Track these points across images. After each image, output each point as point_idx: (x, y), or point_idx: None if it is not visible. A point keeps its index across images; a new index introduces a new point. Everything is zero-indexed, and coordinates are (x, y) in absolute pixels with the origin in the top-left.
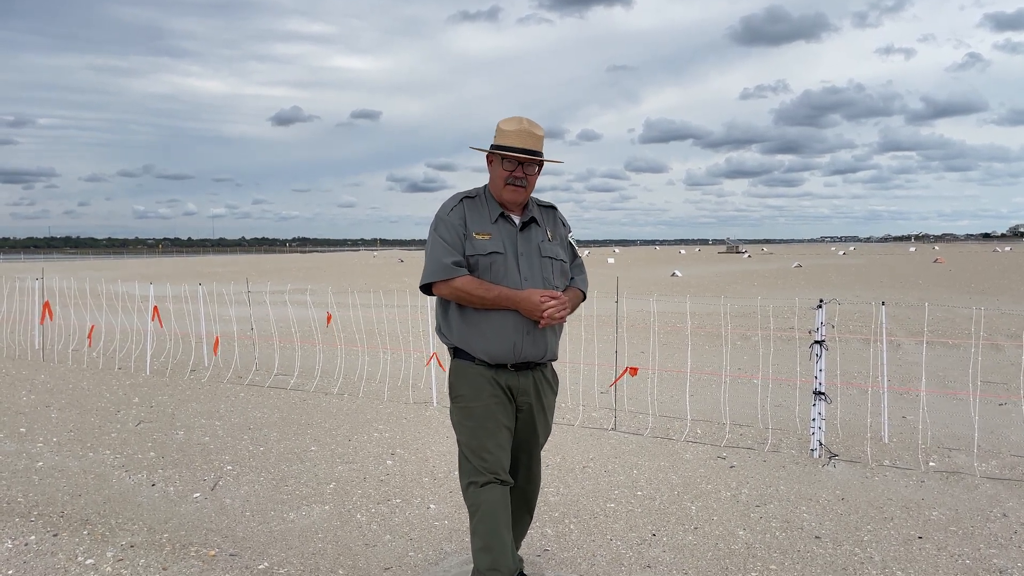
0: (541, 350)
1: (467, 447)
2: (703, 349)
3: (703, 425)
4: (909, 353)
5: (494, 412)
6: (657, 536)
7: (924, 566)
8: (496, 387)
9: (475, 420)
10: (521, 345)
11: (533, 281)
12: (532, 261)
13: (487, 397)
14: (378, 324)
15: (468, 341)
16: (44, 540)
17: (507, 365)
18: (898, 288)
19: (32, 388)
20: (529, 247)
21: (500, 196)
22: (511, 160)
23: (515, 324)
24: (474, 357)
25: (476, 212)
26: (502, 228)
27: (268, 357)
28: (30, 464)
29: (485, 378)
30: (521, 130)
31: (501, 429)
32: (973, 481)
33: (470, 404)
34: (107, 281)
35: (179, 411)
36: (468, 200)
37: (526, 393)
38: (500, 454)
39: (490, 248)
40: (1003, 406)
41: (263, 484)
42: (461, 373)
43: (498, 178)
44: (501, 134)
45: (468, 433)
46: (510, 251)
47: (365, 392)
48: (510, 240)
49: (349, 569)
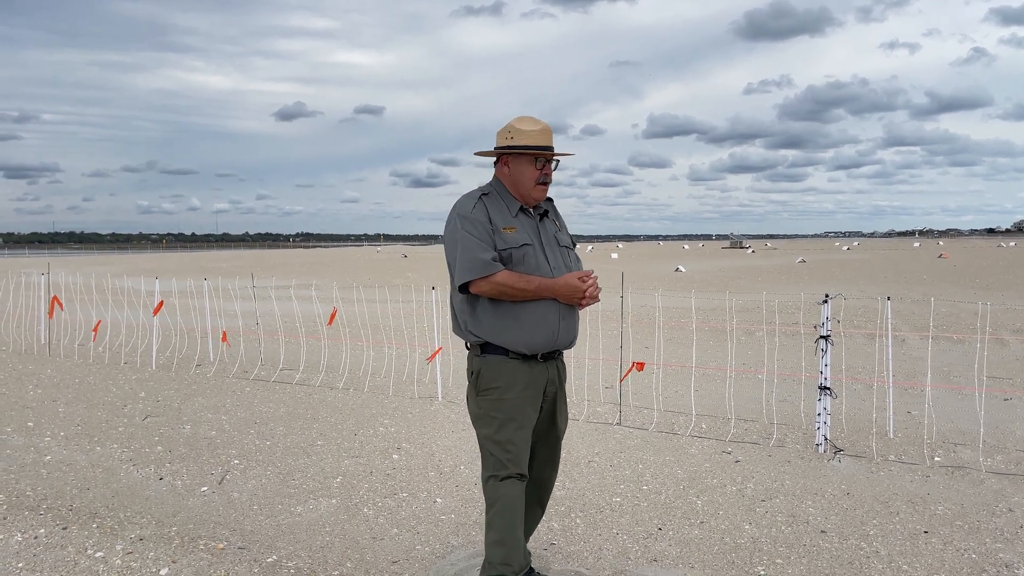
0: (574, 335)
1: (492, 440)
2: (708, 344)
3: (708, 420)
4: (914, 348)
5: (524, 406)
6: (663, 530)
7: (930, 560)
8: (529, 380)
9: (505, 413)
10: (558, 332)
11: (560, 268)
12: (555, 251)
13: (520, 390)
14: (383, 319)
15: (503, 335)
16: (54, 533)
17: (537, 356)
18: (903, 283)
19: (39, 383)
20: (549, 238)
21: (529, 195)
22: (543, 161)
23: (553, 312)
24: (507, 351)
25: (497, 207)
26: (524, 221)
27: (273, 352)
28: (38, 458)
29: (520, 371)
30: (544, 129)
31: (528, 424)
32: (978, 476)
33: (504, 396)
34: (113, 276)
35: (185, 405)
36: (486, 197)
37: (553, 383)
38: (524, 448)
39: (521, 240)
40: (1008, 401)
41: (270, 478)
42: (495, 367)
43: (528, 179)
44: (523, 134)
45: (496, 426)
46: (536, 242)
47: (370, 387)
48: (534, 232)
49: (357, 562)
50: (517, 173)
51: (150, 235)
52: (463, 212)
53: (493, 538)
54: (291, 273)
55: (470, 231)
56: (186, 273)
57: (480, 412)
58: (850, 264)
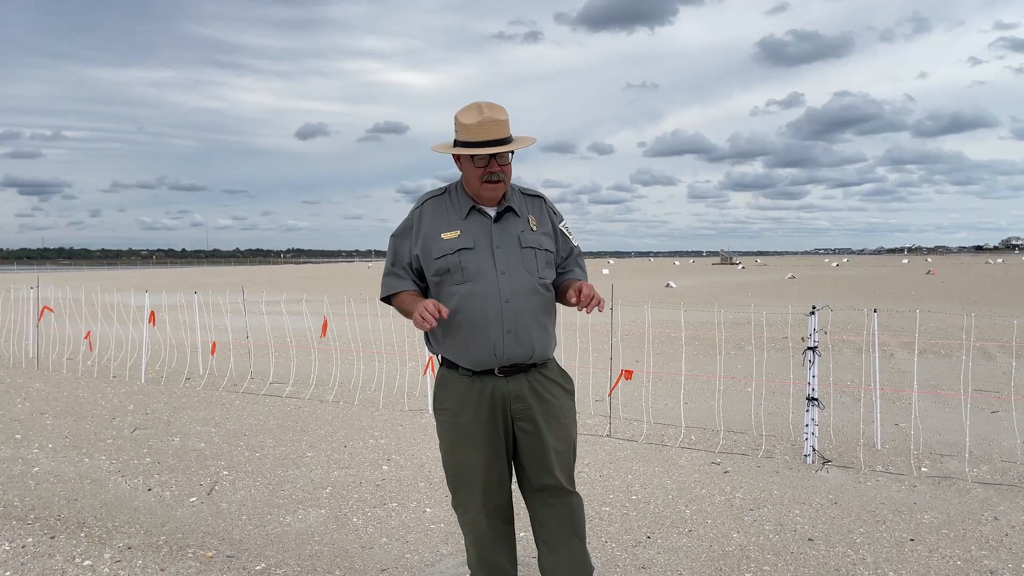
0: (527, 350)
1: (448, 464)
2: (697, 358)
3: (697, 432)
4: (902, 362)
5: (477, 429)
6: (652, 538)
7: (916, 567)
8: (484, 397)
9: (458, 434)
10: (502, 346)
11: (511, 274)
12: (510, 252)
13: (473, 409)
14: (373, 333)
15: (449, 348)
16: (41, 542)
17: (494, 371)
18: (891, 299)
19: (27, 396)
20: (507, 238)
21: (479, 194)
22: (481, 156)
23: (495, 322)
24: (458, 365)
25: (443, 210)
26: (475, 222)
27: (263, 366)
28: (26, 469)
29: (473, 388)
30: (483, 121)
31: (486, 447)
32: (965, 486)
33: (454, 420)
34: (103, 291)
35: (174, 418)
36: (434, 199)
37: (521, 399)
38: (480, 473)
39: (458, 245)
40: (995, 414)
41: (259, 489)
42: (446, 384)
43: (472, 178)
44: (462, 129)
45: (448, 448)
46: (483, 244)
47: (360, 400)
48: (484, 233)
49: (346, 570)
50: (464, 172)
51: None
52: (397, 228)
53: (472, 563)
54: (282, 288)
55: (392, 247)
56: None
57: (438, 433)
58: (839, 280)
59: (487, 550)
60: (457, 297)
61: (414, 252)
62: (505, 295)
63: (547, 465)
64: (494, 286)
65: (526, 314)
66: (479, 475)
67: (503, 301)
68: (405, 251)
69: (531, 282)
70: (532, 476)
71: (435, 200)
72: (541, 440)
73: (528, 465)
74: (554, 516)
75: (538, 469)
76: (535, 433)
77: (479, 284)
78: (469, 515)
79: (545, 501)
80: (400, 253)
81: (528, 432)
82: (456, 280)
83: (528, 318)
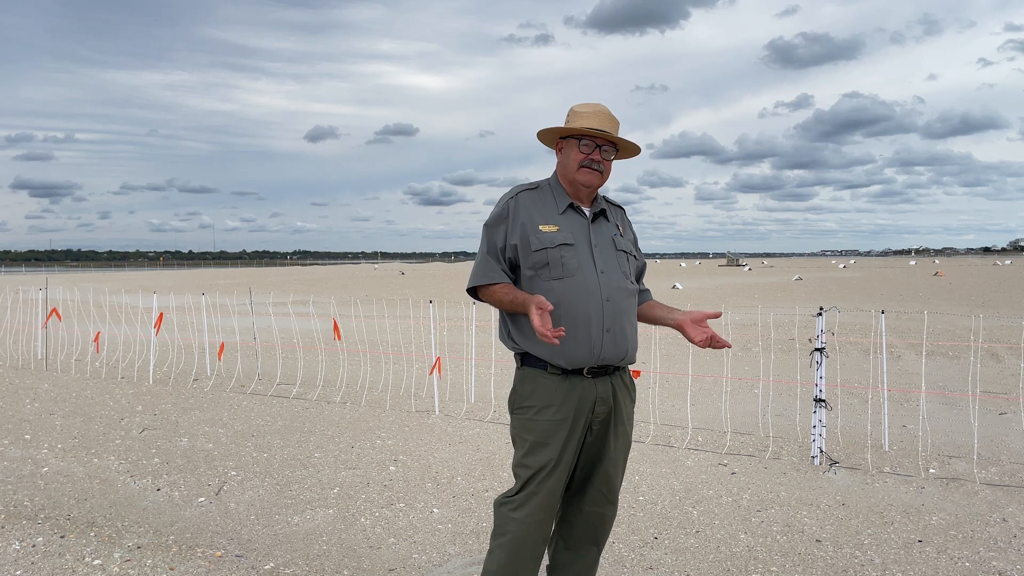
0: (622, 351)
1: (520, 464)
2: (704, 360)
3: (704, 433)
4: (909, 364)
5: (558, 430)
6: (659, 539)
7: (924, 568)
8: (571, 397)
9: (537, 435)
10: (600, 345)
11: (610, 273)
12: (607, 252)
13: (557, 411)
14: (380, 334)
15: (541, 345)
16: (51, 542)
17: (583, 371)
18: (898, 301)
19: (36, 397)
20: (602, 239)
21: (573, 179)
22: (589, 142)
23: (595, 321)
24: (547, 364)
25: (540, 202)
26: (571, 219)
27: (271, 367)
28: (35, 470)
29: (560, 387)
30: (599, 111)
31: (565, 450)
32: (973, 487)
33: (536, 418)
34: (110, 292)
35: (182, 419)
36: (531, 192)
37: (604, 402)
38: (555, 478)
39: (560, 240)
40: (1003, 415)
41: (267, 489)
42: (530, 382)
43: (572, 161)
44: (577, 116)
45: (526, 449)
46: (583, 241)
47: (367, 401)
48: (582, 231)
49: (354, 570)
50: (564, 158)
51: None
52: (490, 218)
53: (491, 568)
54: (289, 290)
55: (485, 237)
56: (183, 291)
57: (513, 432)
58: (846, 282)
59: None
60: (555, 293)
61: (511, 242)
62: (606, 294)
63: (602, 470)
64: (595, 284)
65: (623, 315)
66: (552, 475)
67: (604, 299)
68: (502, 240)
69: (627, 284)
70: (580, 476)
71: (530, 193)
72: (605, 444)
73: (583, 464)
74: (584, 522)
75: (590, 472)
76: (602, 436)
77: (579, 281)
78: (519, 521)
79: (582, 507)
80: (496, 242)
81: (598, 435)
82: (555, 275)
83: (625, 319)
